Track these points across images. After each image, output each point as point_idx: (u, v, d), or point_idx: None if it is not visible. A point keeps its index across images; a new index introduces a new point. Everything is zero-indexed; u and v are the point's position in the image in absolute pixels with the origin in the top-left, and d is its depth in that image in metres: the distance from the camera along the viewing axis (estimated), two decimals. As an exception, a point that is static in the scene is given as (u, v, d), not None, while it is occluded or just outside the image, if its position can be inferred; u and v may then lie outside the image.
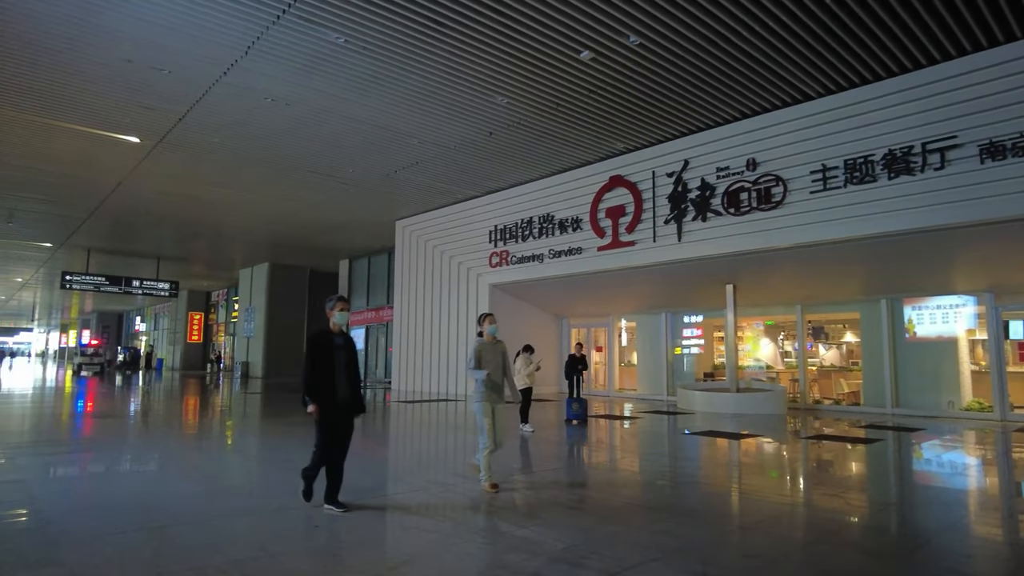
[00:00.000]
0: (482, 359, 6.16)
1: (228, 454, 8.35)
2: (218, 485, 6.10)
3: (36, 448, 8.13)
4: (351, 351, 5.33)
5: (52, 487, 5.94)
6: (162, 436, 9.67)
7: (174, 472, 6.71)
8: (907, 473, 7.73)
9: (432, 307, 19.43)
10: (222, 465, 7.44)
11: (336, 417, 5.08)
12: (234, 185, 17.37)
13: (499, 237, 17.32)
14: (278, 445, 8.98)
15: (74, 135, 13.56)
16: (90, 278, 27.54)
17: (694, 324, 16.99)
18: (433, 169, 15.80)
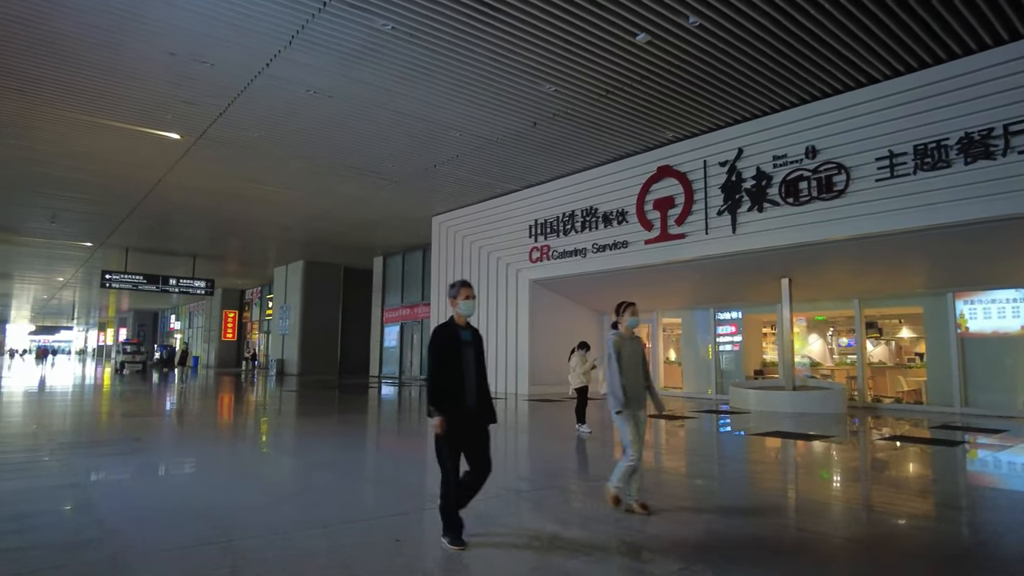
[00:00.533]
0: (621, 357, 5.15)
1: (284, 457, 8.08)
2: (281, 492, 5.78)
3: (88, 449, 7.97)
4: (479, 348, 4.49)
5: (109, 492, 5.71)
6: (213, 437, 9.49)
7: (232, 477, 6.45)
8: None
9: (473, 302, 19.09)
10: (280, 469, 7.14)
11: (464, 428, 4.15)
12: (273, 181, 17.23)
13: (539, 231, 16.92)
14: (335, 447, 8.72)
15: (116, 133, 13.49)
16: (128, 277, 27.79)
17: (730, 321, 16.41)
18: (473, 163, 15.46)
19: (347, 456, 8.00)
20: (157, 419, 11.64)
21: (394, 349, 28.51)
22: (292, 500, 5.44)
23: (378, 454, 8.61)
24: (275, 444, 8.98)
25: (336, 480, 6.27)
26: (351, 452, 8.32)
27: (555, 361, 17.35)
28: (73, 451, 7.70)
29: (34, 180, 17.06)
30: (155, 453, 7.77)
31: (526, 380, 16.93)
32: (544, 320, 17.39)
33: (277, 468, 7.18)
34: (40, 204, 19.69)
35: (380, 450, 8.92)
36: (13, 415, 11.84)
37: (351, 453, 8.22)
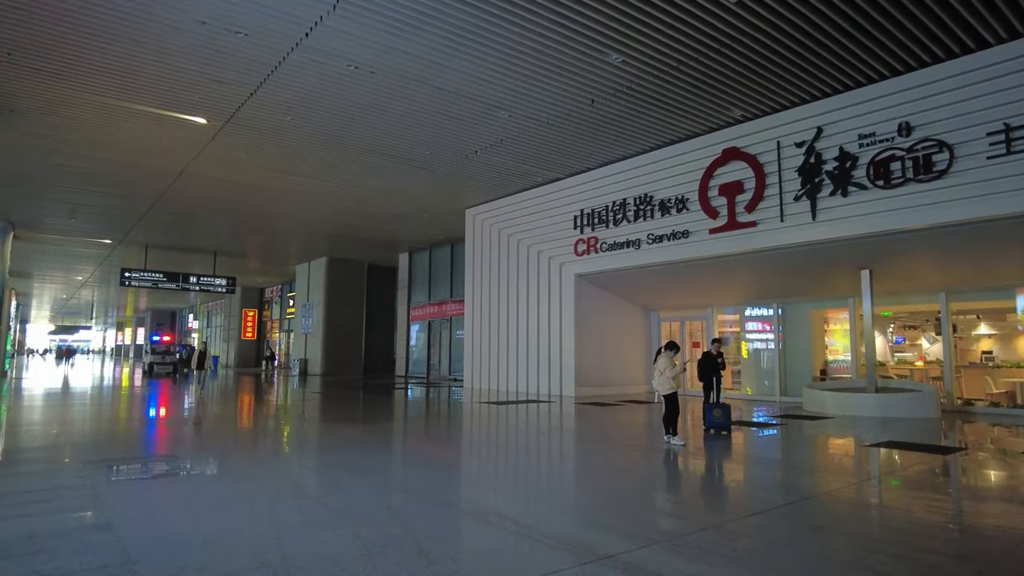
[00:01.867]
0: None
1: (350, 477, 6.65)
2: (372, 536, 4.30)
3: (119, 469, 6.96)
4: None
5: (149, 537, 4.55)
6: (266, 452, 8.46)
7: (302, 509, 5.31)
8: None
9: (508, 300, 18.03)
10: (353, 496, 5.59)
11: None
12: (300, 172, 16.23)
13: (586, 222, 15.79)
14: (405, 465, 7.67)
15: (140, 118, 12.53)
16: (148, 274, 27.00)
17: (794, 317, 15.20)
18: (518, 148, 14.35)
19: (422, 476, 6.89)
20: (193, 429, 10.65)
21: (421, 348, 27.52)
22: (391, 549, 4.05)
23: (459, 473, 7.51)
24: (336, 461, 7.87)
25: (430, 514, 5.08)
26: (425, 471, 7.23)
27: (602, 361, 16.27)
28: (102, 472, 6.69)
29: (54, 172, 16.18)
30: (203, 476, 6.74)
31: (572, 381, 15.82)
32: (590, 317, 16.27)
33: (349, 495, 5.83)
34: (59, 199, 18.85)
35: (459, 468, 7.83)
36: (35, 423, 10.90)
37: (425, 472, 7.13)
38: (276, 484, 6.15)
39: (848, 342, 14.72)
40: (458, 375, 24.46)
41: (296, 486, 6.19)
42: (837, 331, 15.60)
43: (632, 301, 17.37)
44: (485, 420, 11.75)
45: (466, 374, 19.54)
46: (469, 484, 6.69)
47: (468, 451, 8.85)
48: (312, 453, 8.06)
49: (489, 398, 15.63)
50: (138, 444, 8.73)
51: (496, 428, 10.86)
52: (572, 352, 15.90)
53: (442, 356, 26.10)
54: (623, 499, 5.78)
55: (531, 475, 7.28)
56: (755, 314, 15.93)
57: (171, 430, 10.23)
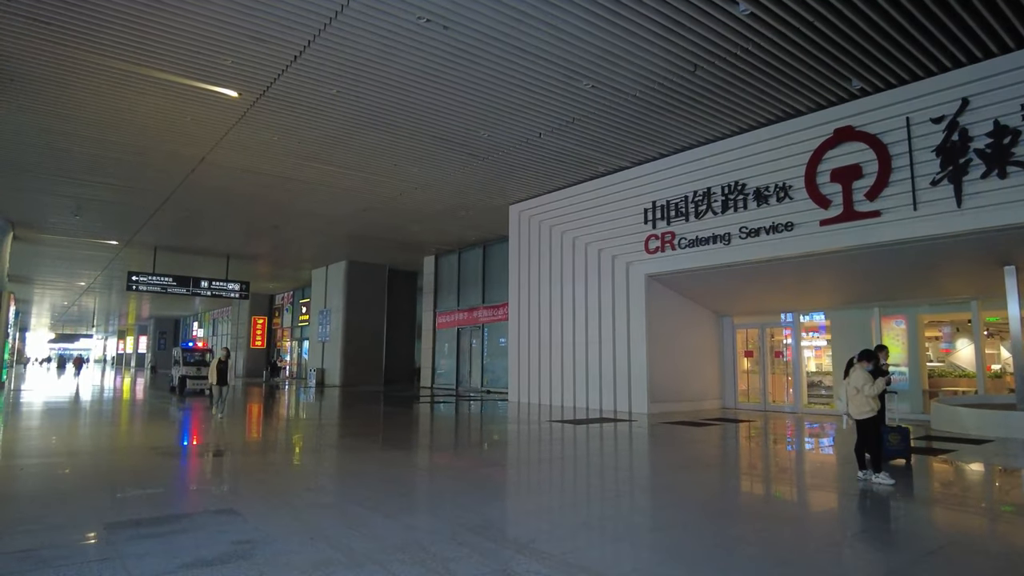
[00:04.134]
0: None
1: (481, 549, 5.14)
2: None
3: (152, 537, 5.11)
4: None
5: None
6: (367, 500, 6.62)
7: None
8: None
9: (562, 304, 16.19)
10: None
11: None
12: (335, 160, 14.45)
13: (659, 216, 13.99)
14: (538, 518, 5.84)
15: (161, 90, 10.75)
16: (156, 278, 25.17)
17: (896, 322, 13.39)
18: (589, 129, 12.58)
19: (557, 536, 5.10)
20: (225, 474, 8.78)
21: (448, 358, 25.67)
22: None
23: (591, 530, 5.68)
24: (450, 518, 6.08)
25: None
26: (553, 529, 5.44)
27: (675, 373, 14.47)
28: (129, 544, 4.84)
29: (58, 160, 14.38)
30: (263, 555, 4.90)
31: (644, 396, 13.96)
32: (662, 324, 14.43)
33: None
34: (64, 192, 17.04)
35: (589, 522, 5.98)
36: (36, 455, 9.03)
37: (552, 528, 5.34)
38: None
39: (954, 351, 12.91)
40: (493, 387, 22.60)
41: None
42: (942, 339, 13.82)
43: (704, 305, 15.55)
44: (575, 447, 9.87)
45: (511, 387, 17.68)
46: (613, 547, 4.83)
47: (590, 495, 6.98)
48: (407, 499, 6.21)
49: (551, 415, 13.76)
50: (173, 495, 6.86)
51: (599, 459, 8.96)
52: (644, 363, 14.04)
53: (473, 366, 24.24)
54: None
55: (704, 540, 5.39)
56: (851, 319, 14.09)
57: (205, 473, 8.36)
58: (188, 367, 20.64)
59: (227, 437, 10.03)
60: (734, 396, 15.60)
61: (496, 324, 23.18)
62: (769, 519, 5.48)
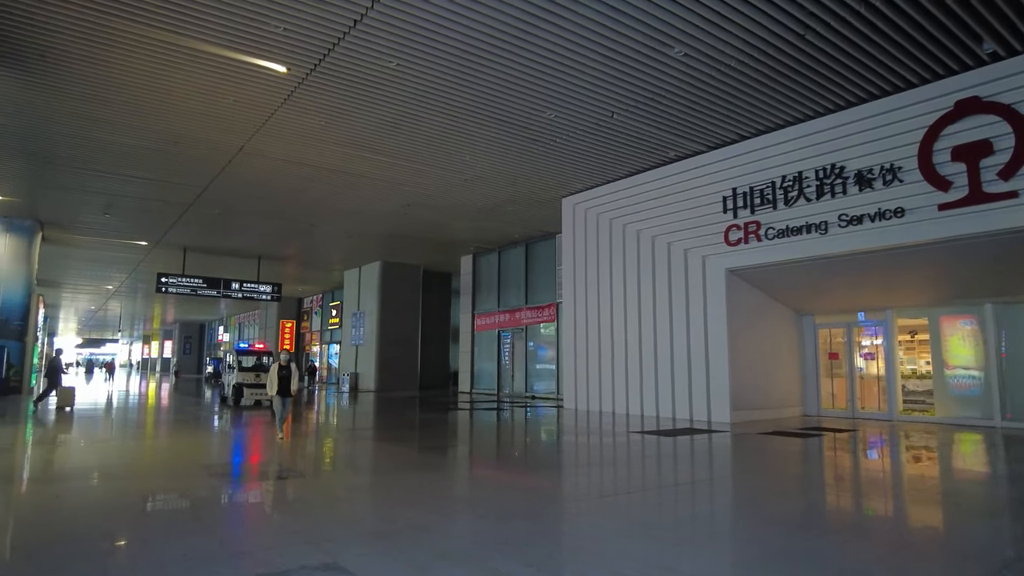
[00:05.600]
0: None
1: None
2: None
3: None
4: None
5: None
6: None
7: None
8: None
9: (626, 302, 14.94)
10: None
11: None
12: (384, 149, 13.37)
13: (741, 204, 12.70)
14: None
15: (203, 66, 9.72)
16: (186, 280, 24.32)
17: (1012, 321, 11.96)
18: (667, 108, 11.36)
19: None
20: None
21: (488, 361, 24.51)
22: None
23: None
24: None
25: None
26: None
27: (757, 378, 13.21)
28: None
29: (90, 152, 13.47)
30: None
31: (726, 403, 12.66)
32: (742, 323, 13.14)
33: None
34: (94, 188, 16.15)
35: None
36: (72, 476, 7.96)
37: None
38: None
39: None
40: (539, 392, 21.38)
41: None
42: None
43: (783, 302, 14.22)
44: (694, 466, 8.60)
45: (567, 393, 16.44)
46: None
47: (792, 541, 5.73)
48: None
49: (628, 426, 12.51)
50: (253, 540, 5.71)
51: (748, 482, 7.71)
52: (726, 367, 12.75)
53: (516, 370, 23.05)
54: None
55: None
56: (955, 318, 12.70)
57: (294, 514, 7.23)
58: (245, 373, 17.31)
59: (290, 455, 8.90)
60: (817, 402, 14.24)
61: (541, 326, 21.98)
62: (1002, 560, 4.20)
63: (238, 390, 16.89)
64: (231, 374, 17.80)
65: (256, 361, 18.31)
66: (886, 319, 13.38)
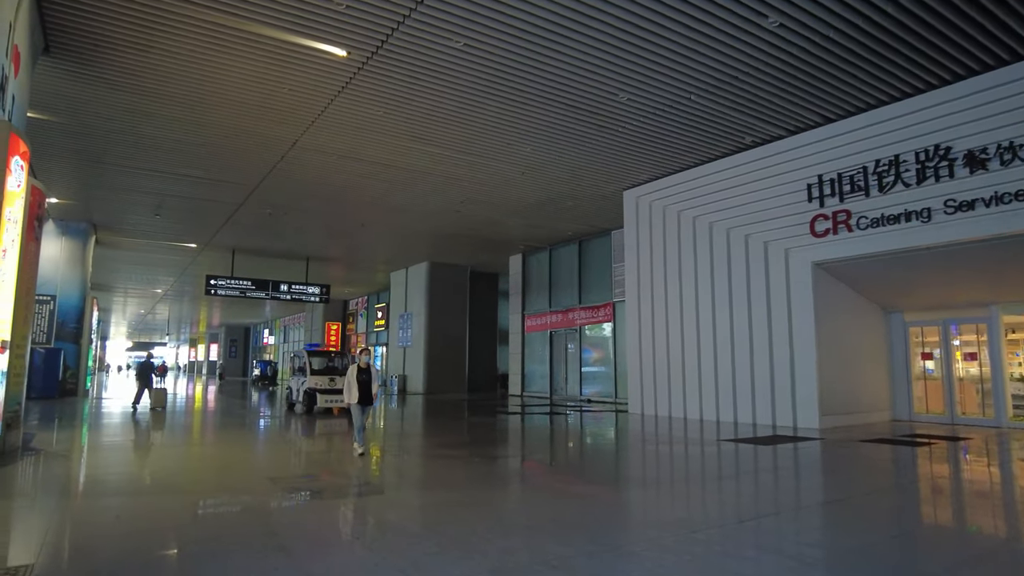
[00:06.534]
0: None
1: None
2: None
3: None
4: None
5: None
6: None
7: None
8: None
9: (698, 300, 14.02)
10: None
11: None
12: (441, 141, 12.76)
13: (829, 192, 11.70)
14: None
15: (259, 52, 9.22)
16: (235, 282, 24.16)
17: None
18: (754, 88, 10.46)
19: None
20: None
21: (539, 363, 23.75)
22: None
23: None
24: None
25: None
26: None
27: (846, 380, 12.21)
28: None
29: (143, 150, 13.19)
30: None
31: (814, 409, 11.67)
32: (828, 321, 12.12)
33: None
34: (145, 188, 15.94)
35: None
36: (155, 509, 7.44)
37: None
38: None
39: None
40: (595, 395, 20.54)
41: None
42: None
43: (870, 298, 13.15)
44: (813, 482, 7.73)
45: (631, 397, 15.57)
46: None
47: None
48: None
49: (710, 433, 11.62)
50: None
51: (888, 502, 6.82)
52: (813, 369, 11.76)
53: (570, 372, 22.25)
54: None
55: None
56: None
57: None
58: (318, 376, 15.12)
59: (374, 469, 8.26)
60: (908, 406, 13.12)
61: (596, 326, 21.15)
62: None
63: (311, 396, 14.94)
64: (299, 378, 16.03)
65: (327, 363, 16.39)
66: (991, 316, 12.20)
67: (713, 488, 7.03)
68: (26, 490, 6.31)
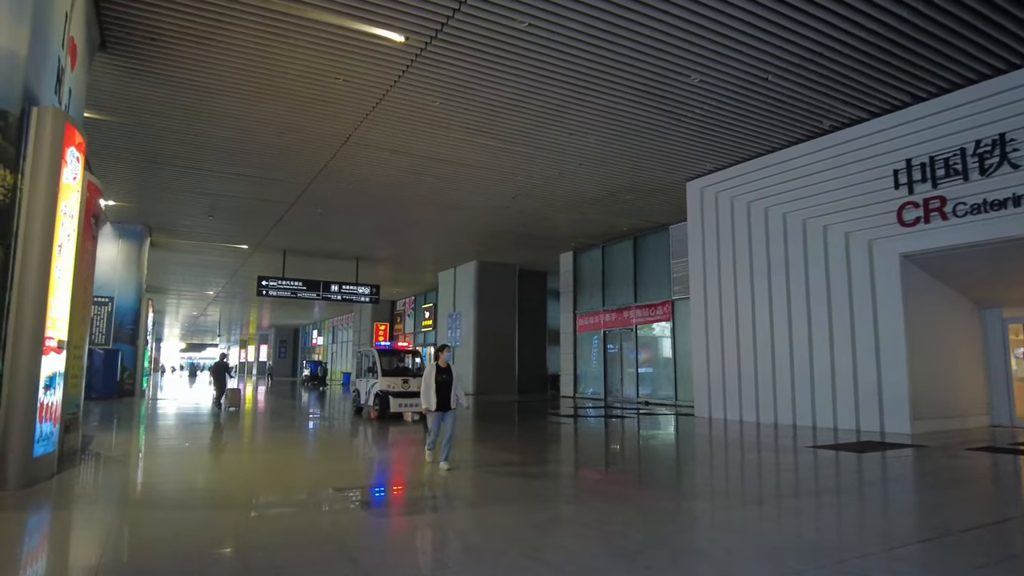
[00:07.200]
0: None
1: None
2: None
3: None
4: None
5: None
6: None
7: None
8: None
9: (771, 296, 13.20)
10: None
11: None
12: (499, 133, 12.26)
13: (920, 177, 10.76)
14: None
15: (315, 40, 8.85)
16: (286, 283, 24.14)
17: None
18: (837, 65, 9.64)
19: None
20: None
21: (593, 364, 23.08)
22: None
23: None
24: None
25: None
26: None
27: (938, 382, 11.28)
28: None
29: (196, 148, 13.07)
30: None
31: (904, 413, 10.75)
32: (917, 317, 11.18)
33: None
34: (199, 188, 15.90)
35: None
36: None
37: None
38: None
39: None
40: (653, 397, 19.77)
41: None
42: None
43: (963, 292, 12.13)
44: (946, 497, 6.91)
45: (698, 400, 14.79)
46: None
47: None
48: None
49: (795, 439, 10.82)
50: None
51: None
52: (903, 369, 10.84)
53: (625, 373, 21.51)
54: None
55: None
56: None
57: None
58: (390, 378, 13.60)
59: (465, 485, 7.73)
60: (1009, 411, 12.03)
61: (653, 325, 20.38)
62: None
63: (383, 400, 13.31)
64: (367, 379, 14.44)
65: (398, 363, 14.92)
66: (1103, 311, 11.08)
67: (829, 504, 6.15)
68: (82, 500, 6.01)
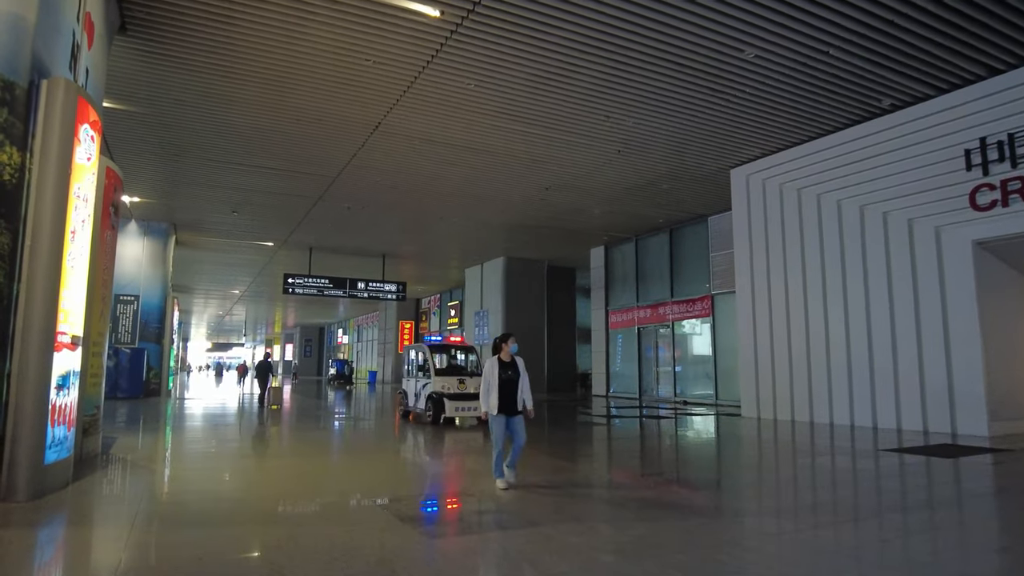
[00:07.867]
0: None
1: None
2: None
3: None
4: None
5: None
6: None
7: None
8: None
9: (825, 289, 12.39)
10: None
11: None
12: (533, 115, 11.61)
13: (994, 157, 9.91)
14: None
15: (343, 16, 8.29)
16: (312, 280, 23.76)
17: None
18: (905, 35, 8.84)
19: None
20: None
21: (627, 362, 22.34)
22: None
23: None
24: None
25: None
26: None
27: (1017, 379, 10.30)
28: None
29: (220, 140, 12.65)
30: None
31: (981, 413, 9.91)
32: (992, 309, 10.32)
33: None
34: (224, 182, 15.50)
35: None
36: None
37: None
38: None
39: None
40: (691, 396, 18.99)
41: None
42: None
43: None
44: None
45: (745, 400, 14.02)
46: None
47: None
48: None
49: (860, 441, 10.03)
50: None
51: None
52: (979, 366, 9.99)
53: (661, 371, 20.75)
54: None
55: None
56: None
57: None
58: (445, 377, 12.11)
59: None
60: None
61: (691, 321, 19.60)
62: None
63: (438, 402, 11.77)
64: (417, 379, 12.91)
65: (449, 360, 13.59)
66: None
67: (948, 523, 5.23)
68: (97, 512, 5.49)
